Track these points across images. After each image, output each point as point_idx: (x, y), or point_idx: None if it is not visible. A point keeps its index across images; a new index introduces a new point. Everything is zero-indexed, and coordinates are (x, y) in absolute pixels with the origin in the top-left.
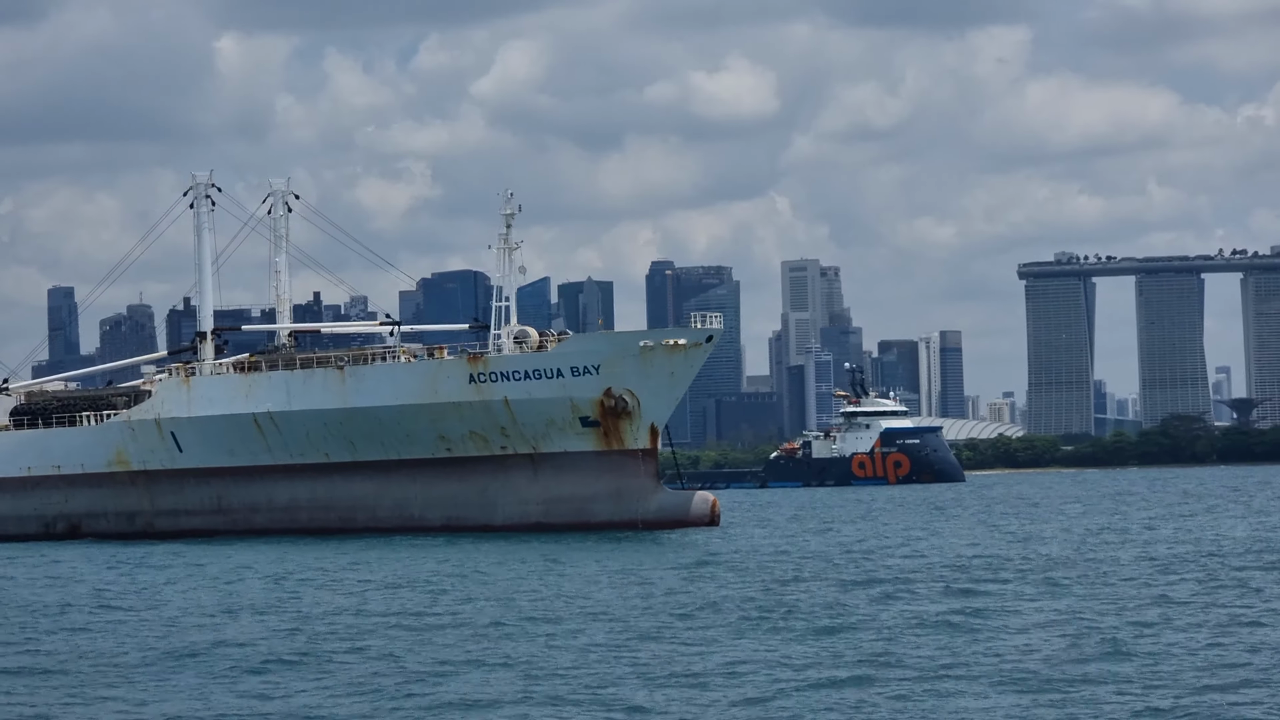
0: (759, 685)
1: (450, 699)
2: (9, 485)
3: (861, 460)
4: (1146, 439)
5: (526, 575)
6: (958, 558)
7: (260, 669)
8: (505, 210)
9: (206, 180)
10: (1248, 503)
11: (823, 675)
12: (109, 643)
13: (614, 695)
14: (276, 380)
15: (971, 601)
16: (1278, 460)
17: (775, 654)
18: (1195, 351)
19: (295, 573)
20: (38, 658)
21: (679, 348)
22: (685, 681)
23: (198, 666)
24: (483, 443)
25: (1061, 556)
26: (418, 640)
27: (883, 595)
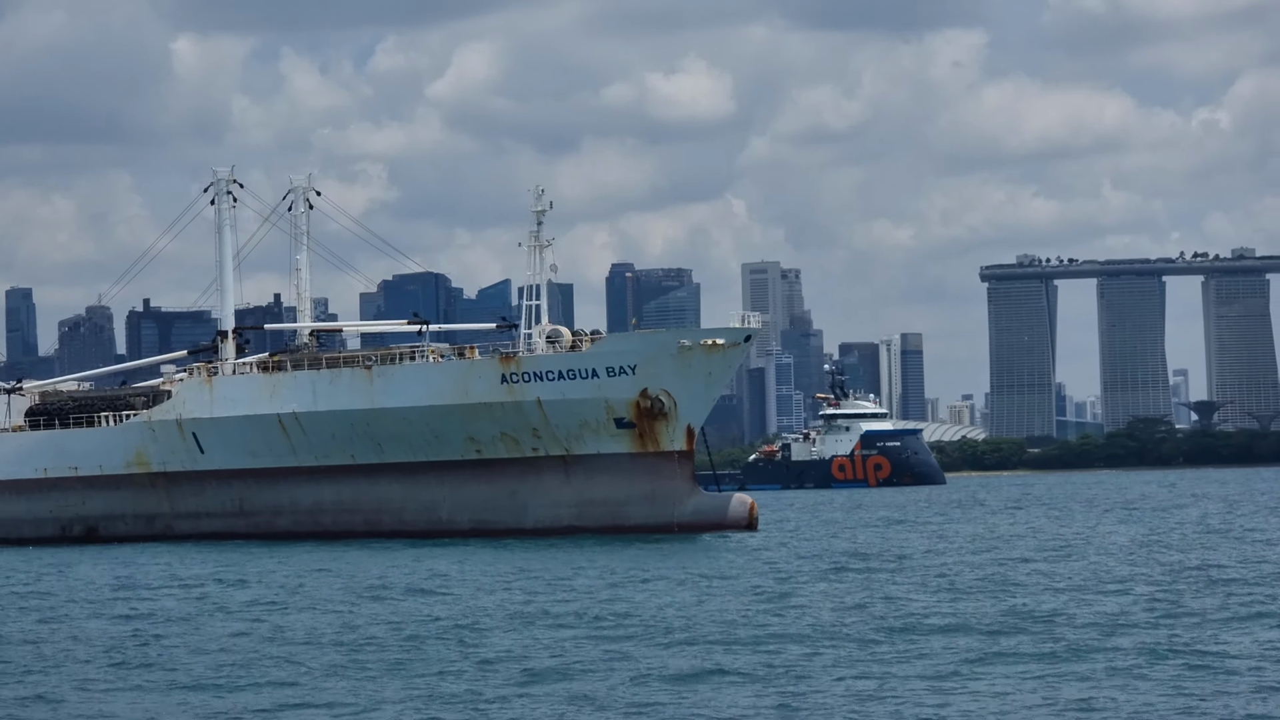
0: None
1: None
2: (25, 487)
3: (841, 463)
4: (1113, 441)
5: (665, 590)
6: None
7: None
8: (536, 207)
9: (228, 176)
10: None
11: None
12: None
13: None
14: (302, 380)
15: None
16: (1243, 463)
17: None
18: (1156, 354)
19: (439, 577)
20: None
21: (718, 347)
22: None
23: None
24: (514, 444)
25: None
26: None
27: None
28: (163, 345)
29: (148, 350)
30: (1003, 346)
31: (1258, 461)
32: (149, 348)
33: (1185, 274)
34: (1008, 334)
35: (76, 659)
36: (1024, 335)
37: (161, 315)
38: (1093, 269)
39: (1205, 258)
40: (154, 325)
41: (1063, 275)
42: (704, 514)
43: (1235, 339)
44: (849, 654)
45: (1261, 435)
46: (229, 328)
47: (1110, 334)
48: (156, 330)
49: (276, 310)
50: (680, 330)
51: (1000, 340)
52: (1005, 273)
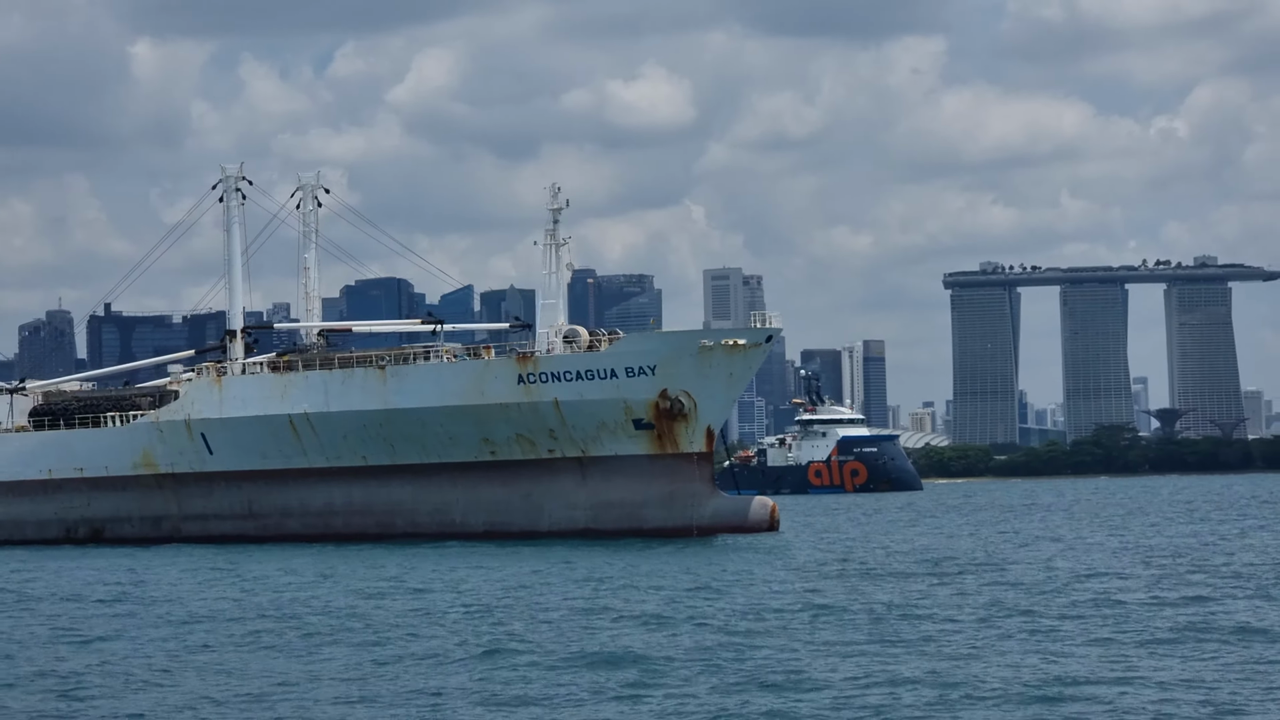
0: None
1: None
2: (29, 488)
3: (818, 469)
4: (1079, 448)
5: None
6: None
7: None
8: (552, 206)
9: (237, 173)
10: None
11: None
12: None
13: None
14: (314, 380)
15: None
16: (1208, 470)
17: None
18: (1119, 362)
19: (522, 582)
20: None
21: (739, 348)
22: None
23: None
24: (529, 445)
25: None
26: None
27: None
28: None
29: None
30: (966, 354)
31: (1223, 469)
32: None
33: (1147, 282)
34: (971, 341)
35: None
36: (987, 342)
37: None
38: (1056, 276)
39: (1167, 266)
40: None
41: (1026, 282)
42: (724, 516)
43: (1197, 347)
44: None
45: (1227, 443)
46: (237, 327)
47: (1073, 341)
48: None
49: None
50: (701, 330)
51: (963, 347)
52: (969, 280)
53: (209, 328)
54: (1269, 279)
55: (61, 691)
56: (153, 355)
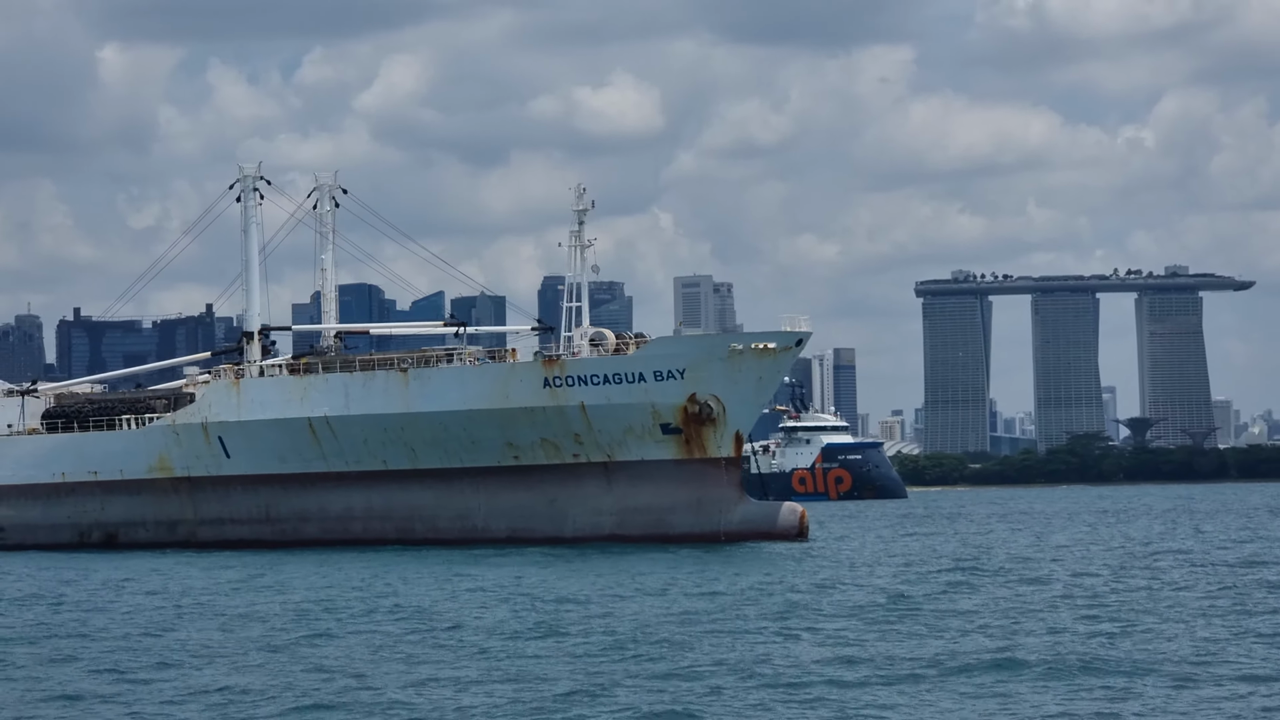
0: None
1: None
2: (41, 491)
3: (802, 475)
4: (1054, 457)
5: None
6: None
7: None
8: (577, 207)
9: (254, 173)
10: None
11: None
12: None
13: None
14: (334, 383)
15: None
16: (1183, 479)
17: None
18: (1090, 371)
19: (609, 587)
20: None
21: (769, 351)
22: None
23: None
24: (554, 450)
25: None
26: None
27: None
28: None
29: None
30: (937, 362)
31: (1197, 478)
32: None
33: (1119, 291)
34: (942, 349)
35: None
36: (959, 351)
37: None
38: (1027, 285)
39: (1139, 275)
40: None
41: (997, 291)
42: (752, 522)
43: (1168, 356)
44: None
45: (1201, 452)
46: (255, 329)
47: (1044, 350)
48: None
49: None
50: (730, 334)
51: (935, 356)
52: (940, 288)
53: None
54: (1240, 289)
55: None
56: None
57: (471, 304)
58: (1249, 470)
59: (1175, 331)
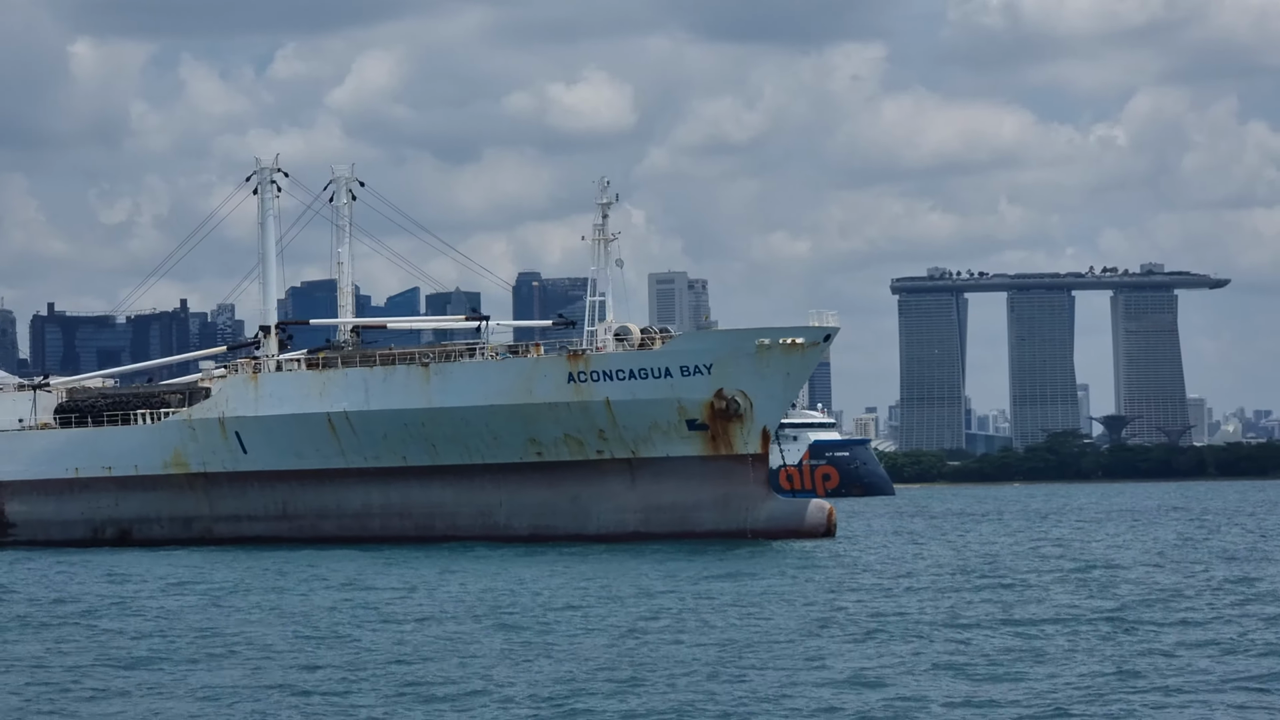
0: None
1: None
2: (53, 487)
3: (790, 472)
4: (1033, 455)
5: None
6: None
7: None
8: (601, 200)
9: (271, 165)
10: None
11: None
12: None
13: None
14: (354, 378)
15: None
16: (1161, 477)
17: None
18: (1065, 368)
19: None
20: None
21: (796, 347)
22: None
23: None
24: (577, 446)
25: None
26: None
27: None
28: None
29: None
30: (913, 359)
31: (1175, 476)
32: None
33: (1094, 289)
34: (918, 347)
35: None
36: (934, 348)
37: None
38: (1003, 283)
39: (1114, 273)
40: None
41: (973, 288)
42: (779, 520)
43: (1143, 354)
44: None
45: (1179, 450)
46: (271, 322)
47: (1020, 348)
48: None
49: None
50: (758, 329)
51: (910, 353)
52: (917, 285)
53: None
54: (1215, 287)
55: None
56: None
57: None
58: (1228, 468)
59: (1150, 329)
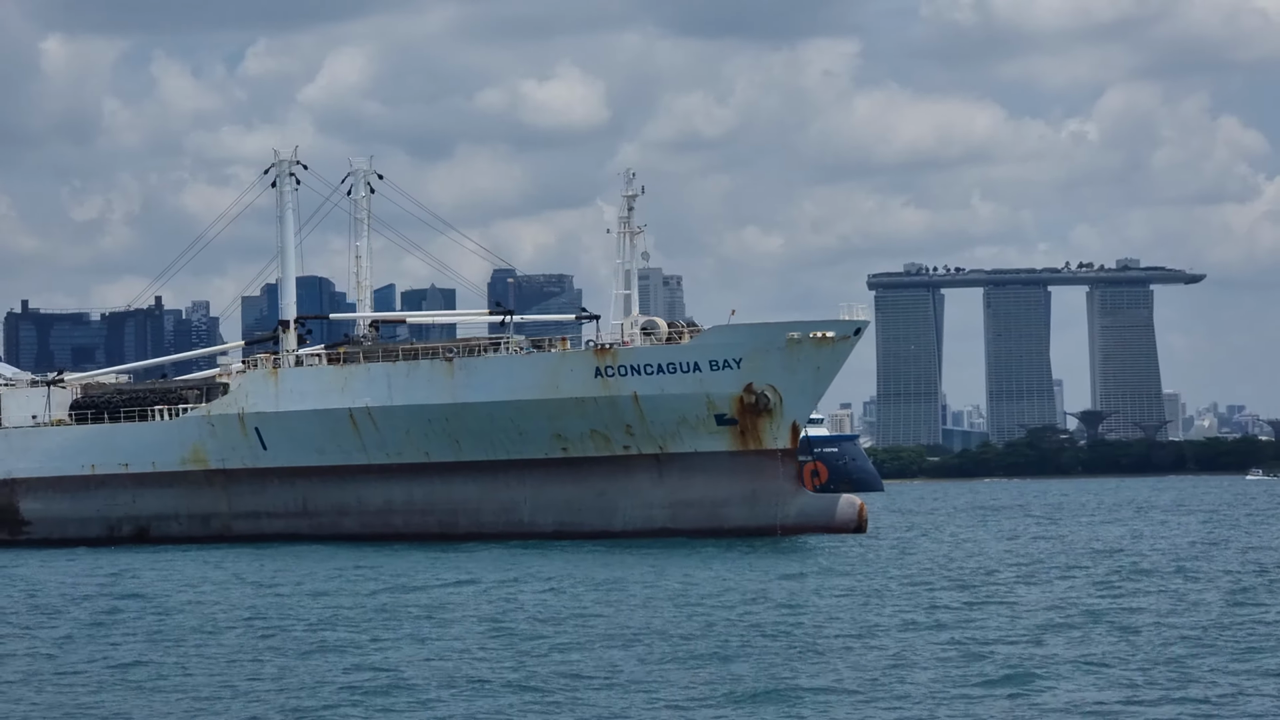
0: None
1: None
2: (69, 484)
3: None
4: (1013, 450)
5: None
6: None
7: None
8: (627, 192)
9: (291, 158)
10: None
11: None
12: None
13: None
14: (377, 373)
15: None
16: (1141, 472)
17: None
18: (1042, 364)
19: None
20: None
21: (827, 340)
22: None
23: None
24: (604, 442)
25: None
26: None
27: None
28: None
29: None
30: (890, 355)
31: (1155, 471)
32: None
33: (1071, 284)
34: (895, 342)
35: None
36: (911, 344)
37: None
38: (979, 278)
39: (1090, 268)
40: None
41: (949, 284)
42: (810, 516)
43: (1119, 349)
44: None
45: (1159, 445)
46: (290, 317)
47: (996, 343)
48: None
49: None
50: (788, 323)
51: (887, 349)
52: (893, 281)
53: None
54: (1190, 282)
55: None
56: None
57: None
58: (1208, 463)
59: (1126, 325)
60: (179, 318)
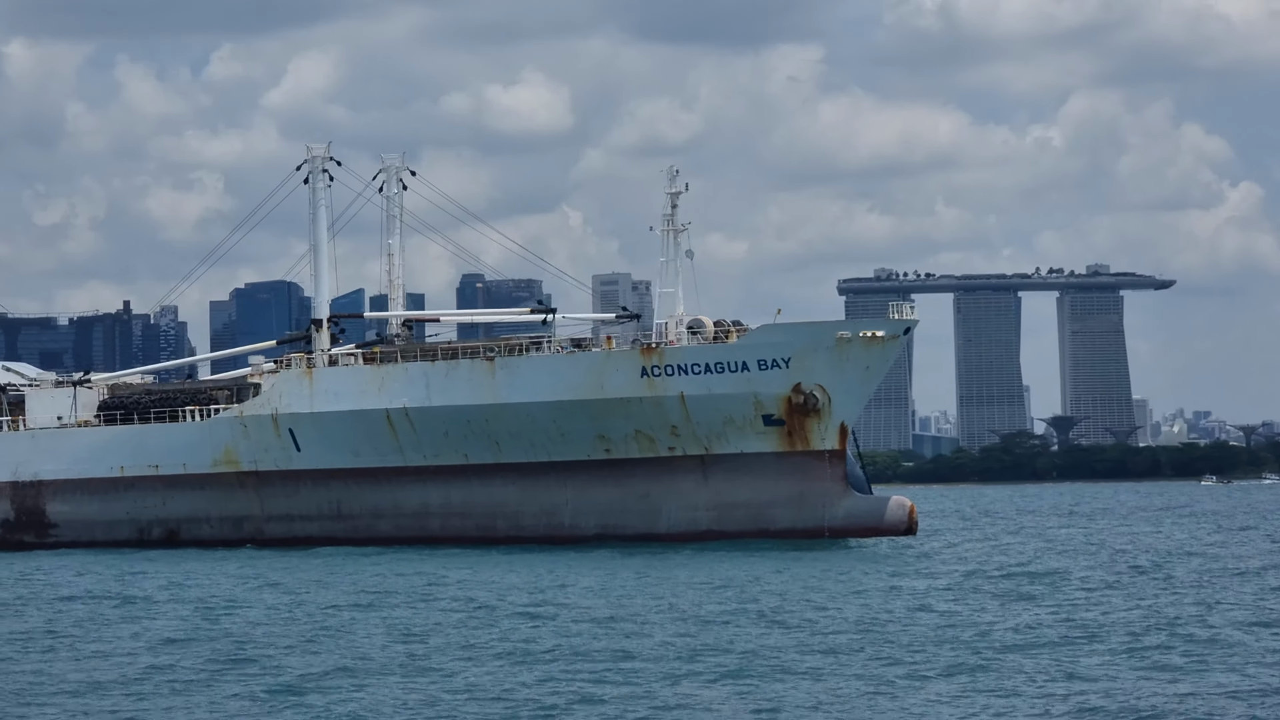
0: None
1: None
2: (97, 486)
3: None
4: (989, 455)
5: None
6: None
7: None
8: (670, 190)
9: (323, 153)
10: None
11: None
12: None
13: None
14: (415, 373)
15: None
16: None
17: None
18: (1012, 369)
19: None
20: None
21: (877, 340)
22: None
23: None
24: (648, 443)
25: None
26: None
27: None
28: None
29: None
30: None
31: (1130, 476)
32: None
33: (1041, 290)
34: None
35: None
36: None
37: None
38: (949, 284)
39: (1060, 274)
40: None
41: (919, 289)
42: (858, 518)
43: (1089, 355)
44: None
45: (1134, 451)
46: (323, 315)
47: (966, 349)
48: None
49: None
50: (837, 322)
51: None
52: (863, 286)
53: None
54: (1160, 288)
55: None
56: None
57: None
58: (1183, 469)
59: (1096, 330)
60: (147, 322)
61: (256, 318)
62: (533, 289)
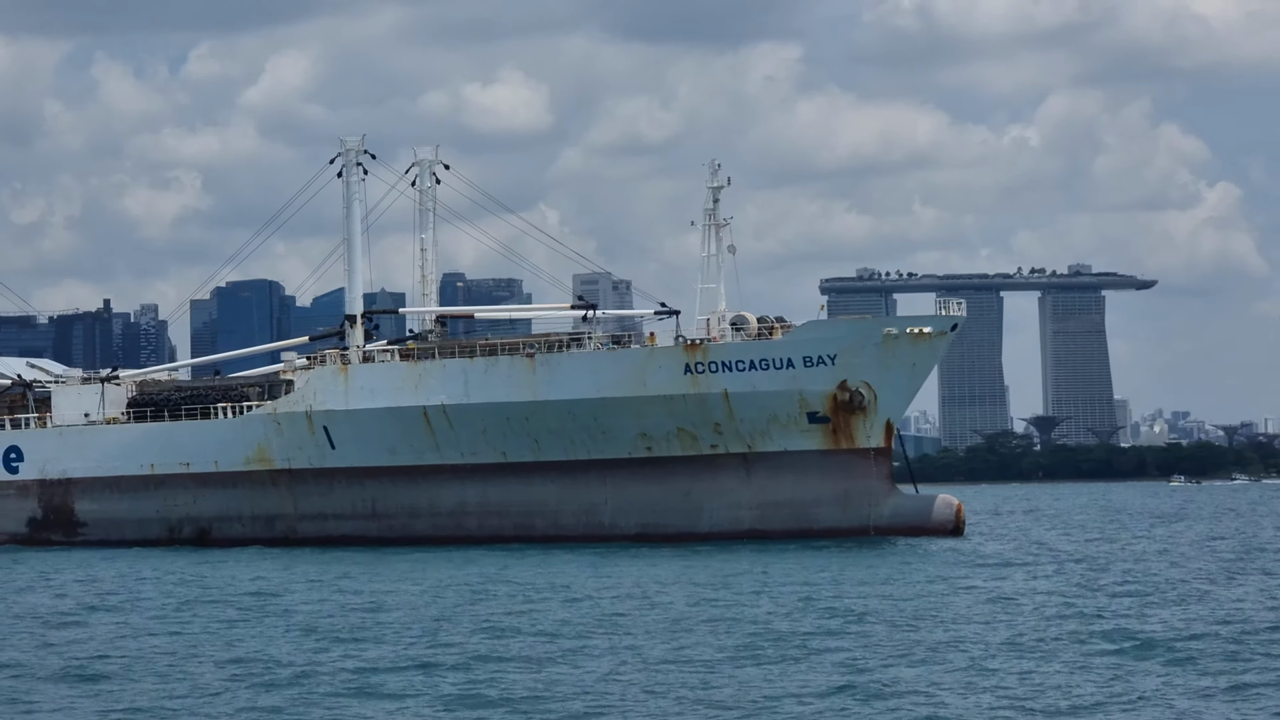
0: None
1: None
2: (127, 484)
3: None
4: (973, 455)
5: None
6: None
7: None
8: (712, 184)
9: (358, 146)
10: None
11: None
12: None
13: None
14: (453, 369)
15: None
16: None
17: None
18: (994, 369)
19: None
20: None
21: (924, 336)
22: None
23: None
24: (690, 441)
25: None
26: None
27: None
28: None
29: None
30: None
31: (1116, 476)
32: None
33: (1023, 289)
34: None
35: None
36: None
37: None
38: (931, 283)
39: (1042, 273)
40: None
41: (901, 289)
42: (904, 517)
43: (1071, 355)
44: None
45: (1120, 450)
46: (357, 311)
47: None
48: None
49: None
50: (884, 318)
51: None
52: (845, 285)
53: (75, 329)
54: (1142, 288)
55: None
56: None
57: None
58: (1168, 469)
59: (1078, 330)
60: (127, 321)
61: (238, 315)
62: (513, 288)
